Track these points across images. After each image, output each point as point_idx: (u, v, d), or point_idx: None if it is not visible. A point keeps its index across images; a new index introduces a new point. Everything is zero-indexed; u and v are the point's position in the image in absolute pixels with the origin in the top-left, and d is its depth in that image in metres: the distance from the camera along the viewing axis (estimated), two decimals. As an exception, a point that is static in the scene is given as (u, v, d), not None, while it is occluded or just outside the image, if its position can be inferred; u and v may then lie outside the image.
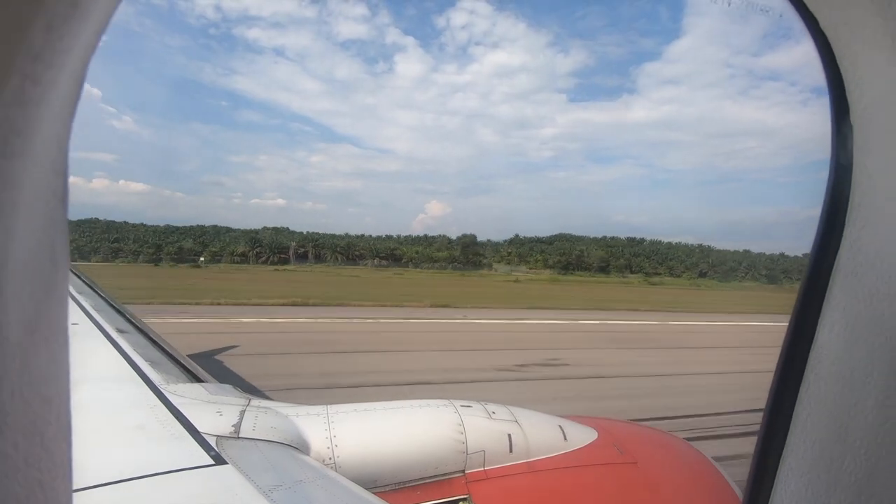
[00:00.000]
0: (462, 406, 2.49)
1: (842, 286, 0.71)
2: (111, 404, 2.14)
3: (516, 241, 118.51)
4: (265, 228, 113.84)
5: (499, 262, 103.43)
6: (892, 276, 0.65)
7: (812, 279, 0.75)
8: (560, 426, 2.61)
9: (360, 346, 13.73)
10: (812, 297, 0.74)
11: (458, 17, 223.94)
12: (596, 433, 2.68)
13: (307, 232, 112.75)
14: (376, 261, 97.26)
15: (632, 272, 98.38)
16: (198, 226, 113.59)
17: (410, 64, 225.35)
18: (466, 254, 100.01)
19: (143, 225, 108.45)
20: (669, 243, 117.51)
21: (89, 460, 1.59)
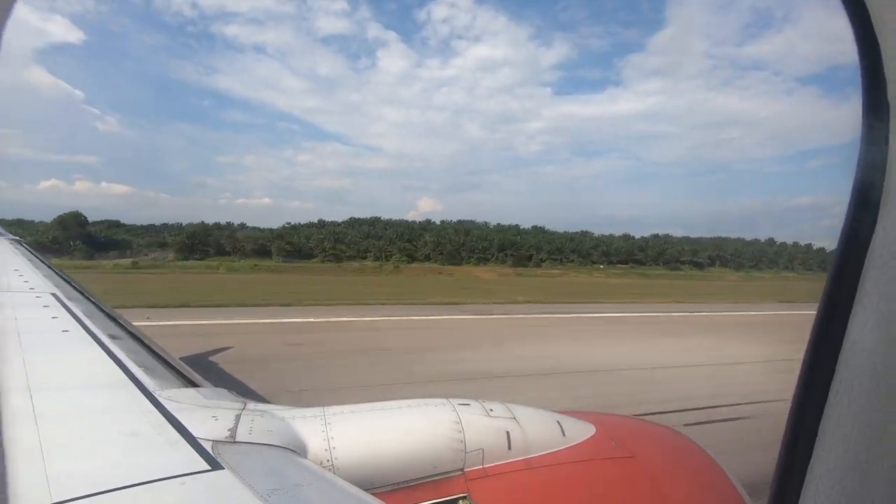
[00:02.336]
0: (460, 404, 2.49)
1: (876, 274, 0.65)
2: (104, 411, 2.11)
3: (327, 225, 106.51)
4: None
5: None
6: None
7: (842, 268, 0.68)
8: (558, 422, 2.62)
9: None
10: (842, 288, 0.68)
11: (438, 11, 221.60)
12: (594, 428, 2.69)
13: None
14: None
15: (412, 260, 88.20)
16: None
17: (393, 59, 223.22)
18: (194, 243, 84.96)
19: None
20: (549, 230, 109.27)
21: (82, 469, 1.56)
